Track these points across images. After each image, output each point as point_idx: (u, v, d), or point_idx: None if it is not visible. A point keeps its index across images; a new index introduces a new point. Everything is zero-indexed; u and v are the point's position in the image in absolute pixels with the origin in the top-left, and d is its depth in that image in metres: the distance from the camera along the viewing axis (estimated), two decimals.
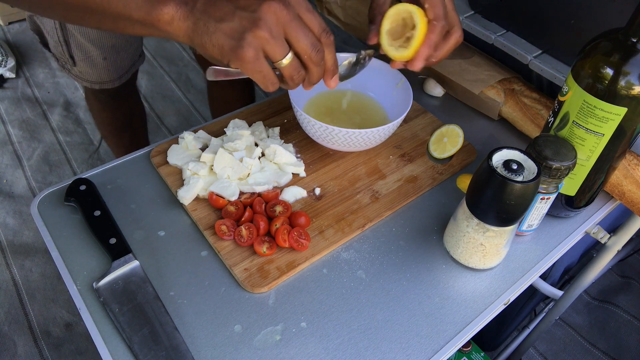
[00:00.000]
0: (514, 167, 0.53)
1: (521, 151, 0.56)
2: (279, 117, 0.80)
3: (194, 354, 0.54)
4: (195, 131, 0.75)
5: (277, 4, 0.47)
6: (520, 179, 0.53)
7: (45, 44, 1.02)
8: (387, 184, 0.71)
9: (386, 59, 0.65)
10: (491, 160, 0.55)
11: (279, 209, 0.65)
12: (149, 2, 0.48)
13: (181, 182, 0.69)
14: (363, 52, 0.64)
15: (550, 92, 0.83)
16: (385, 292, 0.61)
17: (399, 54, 0.62)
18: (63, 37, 0.96)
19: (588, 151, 0.60)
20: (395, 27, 0.62)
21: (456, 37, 0.61)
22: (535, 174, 0.54)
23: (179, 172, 0.70)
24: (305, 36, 0.49)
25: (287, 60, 0.50)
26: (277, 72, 0.52)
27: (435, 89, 0.88)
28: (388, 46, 0.62)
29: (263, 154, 0.73)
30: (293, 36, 0.49)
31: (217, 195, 0.66)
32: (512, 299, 0.62)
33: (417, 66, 0.61)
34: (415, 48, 0.60)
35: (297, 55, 0.51)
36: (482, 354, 1.06)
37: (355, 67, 0.65)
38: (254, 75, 0.50)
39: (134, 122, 1.34)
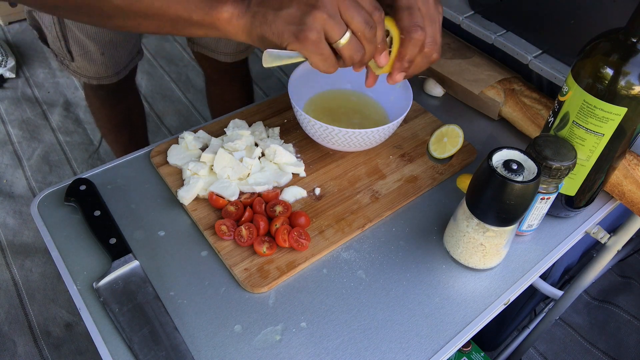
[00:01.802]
0: (514, 167, 0.53)
1: (521, 151, 0.56)
2: (279, 117, 0.80)
3: (194, 354, 0.54)
4: (195, 131, 0.75)
5: None
6: (520, 179, 0.53)
7: (44, 40, 1.02)
8: (387, 184, 0.71)
9: None
10: (491, 160, 0.55)
11: (279, 209, 0.65)
12: (208, 3, 0.49)
13: (181, 182, 0.69)
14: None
15: (550, 92, 0.83)
16: (385, 292, 0.61)
17: (380, 70, 0.60)
18: (61, 32, 0.96)
19: (588, 151, 0.60)
20: None
21: (429, 52, 0.58)
22: (535, 174, 0.54)
23: (179, 172, 0.70)
24: (359, 14, 0.50)
25: (346, 39, 0.50)
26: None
27: (435, 89, 0.88)
28: (374, 66, 0.61)
29: (263, 154, 0.73)
30: (349, 15, 0.49)
31: (217, 195, 0.66)
32: (512, 299, 0.62)
33: (395, 79, 0.60)
34: (390, 62, 0.58)
35: (352, 33, 0.51)
36: (482, 354, 1.06)
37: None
38: (315, 58, 0.51)
39: (133, 118, 1.34)
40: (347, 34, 0.50)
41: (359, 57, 0.53)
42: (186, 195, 0.66)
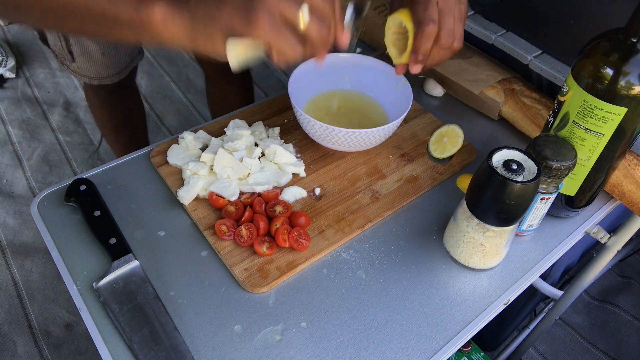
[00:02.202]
0: (514, 167, 0.53)
1: (521, 151, 0.56)
2: (279, 117, 0.80)
3: (194, 354, 0.54)
4: (195, 131, 0.75)
5: None
6: (520, 179, 0.53)
7: (44, 40, 1.02)
8: (387, 184, 0.71)
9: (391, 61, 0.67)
10: (491, 160, 0.55)
11: (279, 209, 0.65)
12: (137, 1, 0.44)
13: (181, 182, 0.69)
14: None
15: (550, 92, 0.83)
16: (385, 292, 0.61)
17: (395, 60, 0.65)
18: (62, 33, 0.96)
19: (588, 151, 0.60)
20: (399, 37, 0.64)
21: (445, 43, 0.58)
22: (535, 174, 0.54)
23: (179, 172, 0.70)
24: None
25: (306, 14, 0.46)
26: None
27: (435, 89, 0.88)
28: (395, 57, 0.65)
29: (263, 154, 0.72)
30: None
31: (217, 195, 0.66)
32: (512, 299, 0.62)
33: (413, 70, 0.62)
34: (407, 54, 0.62)
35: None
36: (482, 354, 1.06)
37: (358, 17, 0.65)
38: (277, 42, 0.46)
39: (133, 118, 1.34)
40: (306, 10, 0.45)
41: (327, 36, 0.48)
42: (186, 195, 0.66)
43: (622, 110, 0.55)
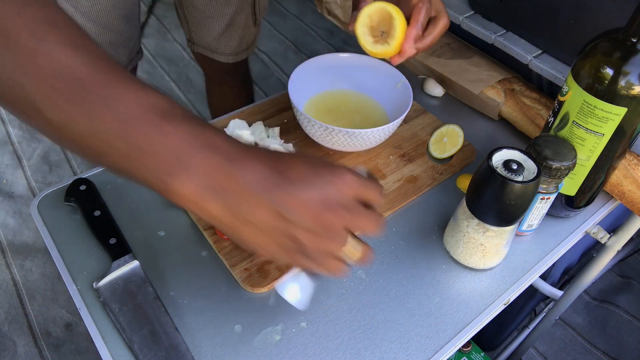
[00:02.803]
0: (514, 167, 0.53)
1: (521, 151, 0.56)
2: (279, 117, 0.80)
3: (194, 354, 0.54)
4: None
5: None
6: (520, 179, 0.53)
7: None
8: (387, 184, 0.71)
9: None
10: (491, 160, 0.55)
11: None
12: (169, 177, 0.36)
13: None
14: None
15: (550, 92, 0.83)
16: (385, 292, 0.61)
17: (375, 50, 0.63)
18: None
19: (588, 151, 0.60)
20: (375, 26, 0.63)
21: (444, 22, 0.62)
22: (535, 174, 0.54)
23: None
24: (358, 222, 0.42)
25: (355, 248, 0.44)
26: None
27: (435, 89, 0.88)
28: (364, 38, 0.63)
29: None
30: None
31: None
32: (512, 299, 0.62)
33: (409, 51, 0.61)
34: (399, 38, 0.61)
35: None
36: (482, 354, 1.06)
37: None
38: (327, 271, 0.43)
39: None
40: (354, 244, 0.43)
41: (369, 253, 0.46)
42: None
43: (622, 110, 0.55)
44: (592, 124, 0.57)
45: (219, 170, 0.37)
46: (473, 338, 0.95)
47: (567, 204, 0.67)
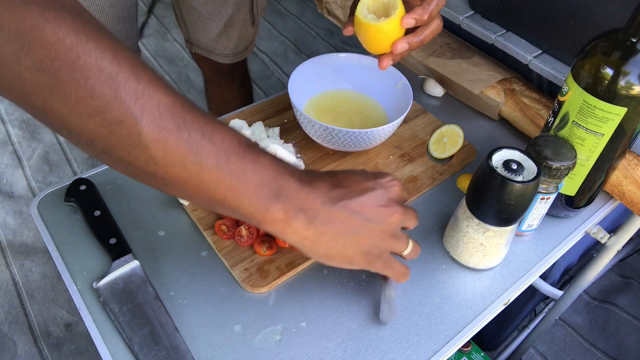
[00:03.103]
0: (514, 167, 0.53)
1: (521, 151, 0.56)
2: (279, 117, 0.80)
3: (194, 354, 0.54)
4: None
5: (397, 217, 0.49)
6: (520, 179, 0.53)
7: None
8: None
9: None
10: (491, 160, 0.55)
11: None
12: (267, 200, 0.43)
13: None
14: None
15: (550, 92, 0.83)
16: None
17: (375, 23, 0.59)
18: None
19: (588, 151, 0.60)
20: (374, 11, 0.62)
21: (437, 22, 0.62)
22: (535, 174, 0.54)
23: None
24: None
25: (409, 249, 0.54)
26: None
27: (435, 89, 0.88)
28: (363, 16, 0.60)
29: None
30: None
31: None
32: (512, 299, 0.62)
33: (399, 47, 0.60)
34: (400, 12, 0.58)
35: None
36: (482, 354, 1.06)
37: None
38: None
39: None
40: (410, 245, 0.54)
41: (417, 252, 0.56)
42: None
43: (622, 110, 0.55)
44: (592, 124, 0.57)
45: (299, 192, 0.44)
46: (473, 338, 0.95)
47: (567, 204, 0.67)
